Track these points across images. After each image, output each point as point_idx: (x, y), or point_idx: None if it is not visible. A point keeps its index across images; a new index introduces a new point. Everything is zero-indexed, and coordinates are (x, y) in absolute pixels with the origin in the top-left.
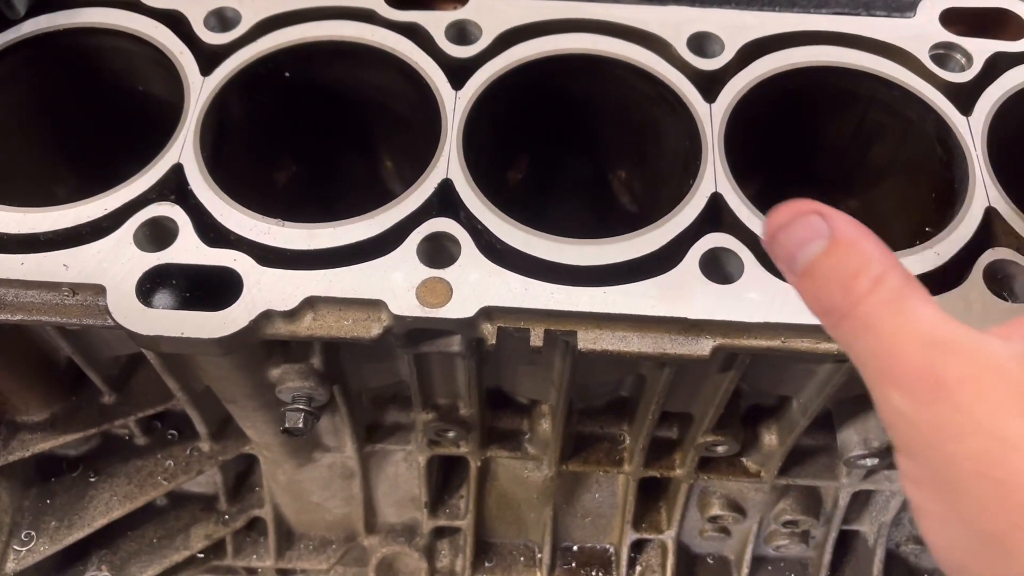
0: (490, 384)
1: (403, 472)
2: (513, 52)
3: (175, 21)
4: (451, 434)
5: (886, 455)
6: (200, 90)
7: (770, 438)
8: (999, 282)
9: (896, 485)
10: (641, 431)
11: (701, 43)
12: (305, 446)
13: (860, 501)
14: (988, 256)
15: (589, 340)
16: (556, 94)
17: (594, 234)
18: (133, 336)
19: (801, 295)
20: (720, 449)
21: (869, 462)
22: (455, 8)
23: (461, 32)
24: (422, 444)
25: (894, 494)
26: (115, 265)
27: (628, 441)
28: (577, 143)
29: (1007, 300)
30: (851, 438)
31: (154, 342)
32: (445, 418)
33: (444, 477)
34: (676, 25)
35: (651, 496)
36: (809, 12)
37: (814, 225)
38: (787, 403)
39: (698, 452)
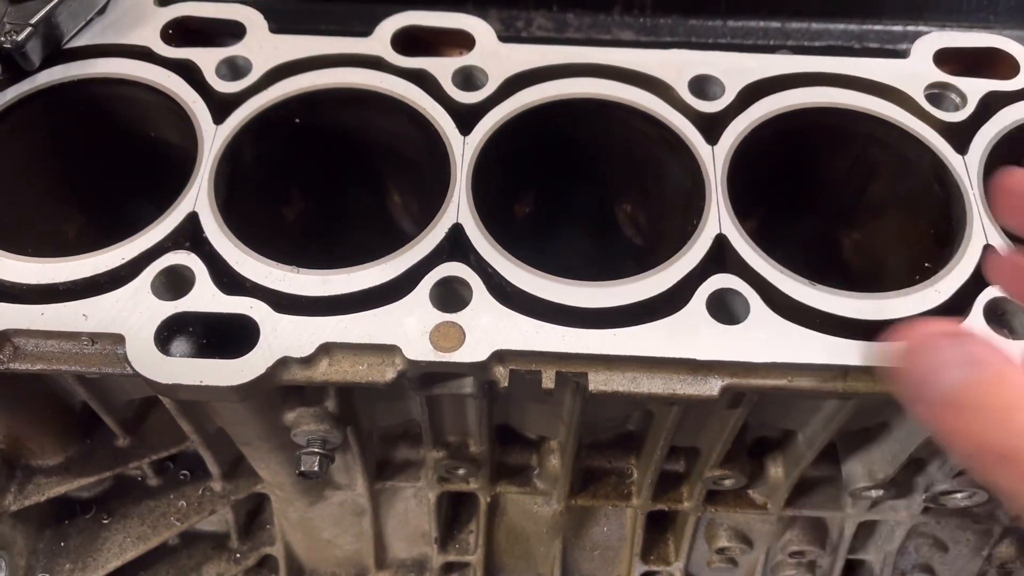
0: (499, 421)
1: (413, 508)
2: (519, 97)
3: (187, 70)
4: (461, 471)
5: (891, 487)
6: (213, 138)
7: (776, 470)
8: (999, 319)
9: (901, 515)
10: (649, 465)
11: (702, 86)
12: (317, 485)
13: (866, 531)
14: (988, 293)
15: (600, 382)
16: (561, 136)
17: (600, 265)
18: (152, 385)
19: (934, 426)
20: (727, 483)
21: (874, 493)
22: (461, 55)
23: (468, 78)
24: (432, 481)
25: (899, 523)
26: (133, 314)
27: (636, 475)
28: (582, 180)
29: (1008, 336)
30: (856, 470)
31: (173, 390)
32: (455, 455)
33: (454, 512)
34: (677, 68)
35: (659, 528)
36: (804, 50)
37: (951, 351)
38: (793, 436)
39: (705, 486)
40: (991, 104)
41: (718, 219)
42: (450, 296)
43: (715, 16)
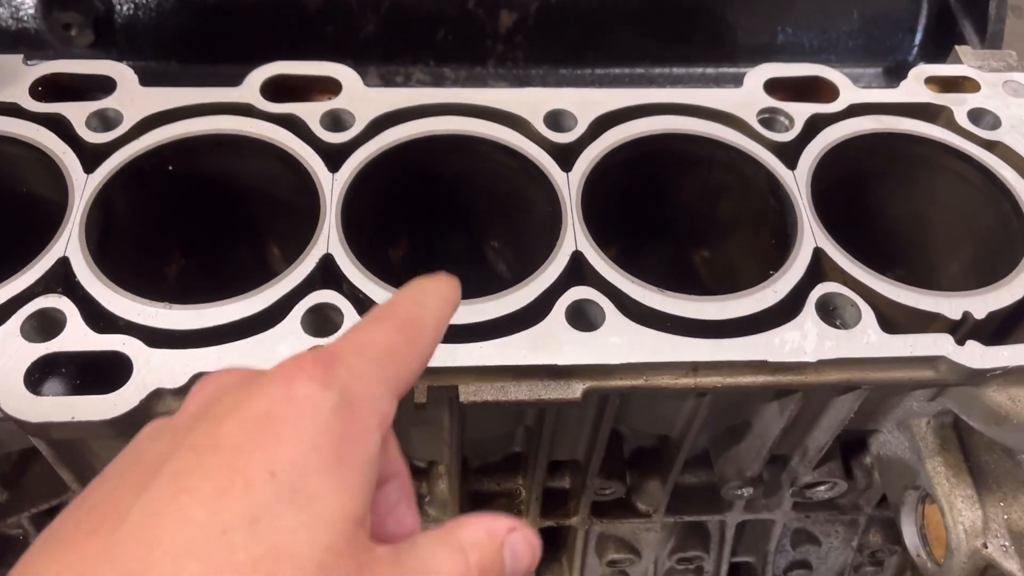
0: None
1: None
2: (385, 135)
3: (57, 124)
4: None
5: (759, 484)
6: (84, 187)
7: (654, 477)
8: (831, 312)
9: (774, 513)
10: (534, 482)
11: (556, 119)
12: None
13: (745, 532)
14: (819, 290)
15: (470, 392)
16: (428, 172)
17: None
18: (22, 425)
19: None
20: (608, 492)
21: (745, 492)
22: (329, 99)
23: (335, 120)
24: None
25: (774, 523)
26: (1, 358)
27: (524, 494)
28: (452, 218)
29: (840, 328)
30: (727, 470)
31: (44, 429)
32: None
33: None
34: (534, 104)
35: (552, 547)
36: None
37: None
38: (665, 442)
39: (589, 497)
40: (816, 124)
41: (574, 238)
42: (322, 322)
43: (583, 65)
